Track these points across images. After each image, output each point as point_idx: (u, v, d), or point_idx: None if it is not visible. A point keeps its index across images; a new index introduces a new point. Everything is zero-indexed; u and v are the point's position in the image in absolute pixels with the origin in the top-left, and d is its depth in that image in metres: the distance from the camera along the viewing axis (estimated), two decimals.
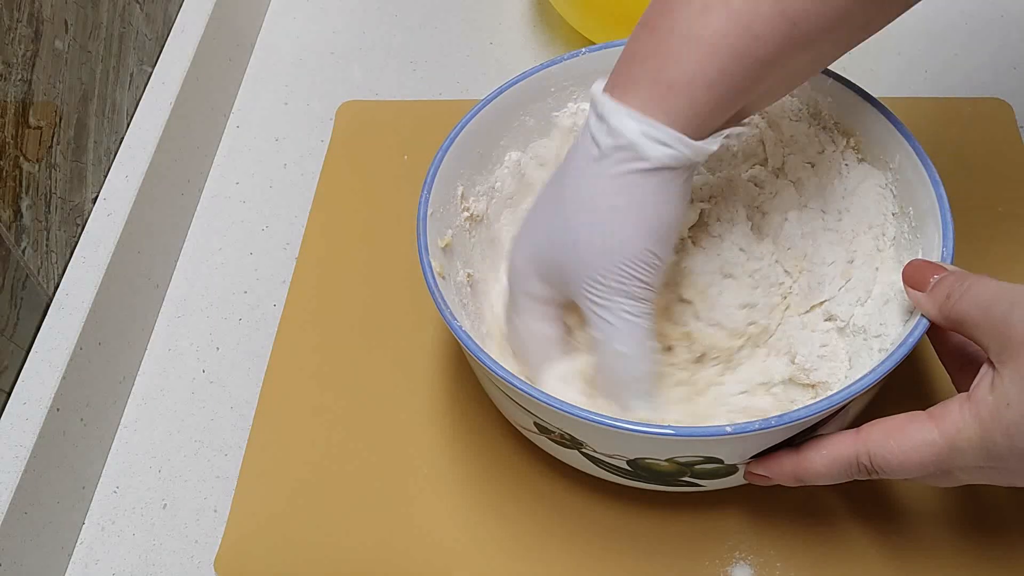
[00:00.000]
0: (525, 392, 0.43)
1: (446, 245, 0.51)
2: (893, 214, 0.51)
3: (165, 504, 0.55)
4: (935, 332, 0.45)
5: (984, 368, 0.39)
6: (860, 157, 0.53)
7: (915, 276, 0.43)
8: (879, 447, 0.40)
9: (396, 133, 0.70)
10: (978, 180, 0.62)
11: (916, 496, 0.51)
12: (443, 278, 0.49)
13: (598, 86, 0.44)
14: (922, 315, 0.43)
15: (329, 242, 0.64)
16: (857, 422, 0.46)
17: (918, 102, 0.67)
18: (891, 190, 0.51)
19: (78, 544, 0.54)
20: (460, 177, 0.53)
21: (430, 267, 0.47)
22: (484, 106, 0.53)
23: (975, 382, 0.39)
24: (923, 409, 0.41)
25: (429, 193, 0.50)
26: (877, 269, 0.51)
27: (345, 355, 0.59)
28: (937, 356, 0.46)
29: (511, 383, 0.43)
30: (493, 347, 0.52)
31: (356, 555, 0.51)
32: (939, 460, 0.39)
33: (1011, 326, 0.37)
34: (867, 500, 0.51)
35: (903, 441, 0.40)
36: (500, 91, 0.54)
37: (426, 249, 0.48)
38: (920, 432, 0.39)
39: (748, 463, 0.45)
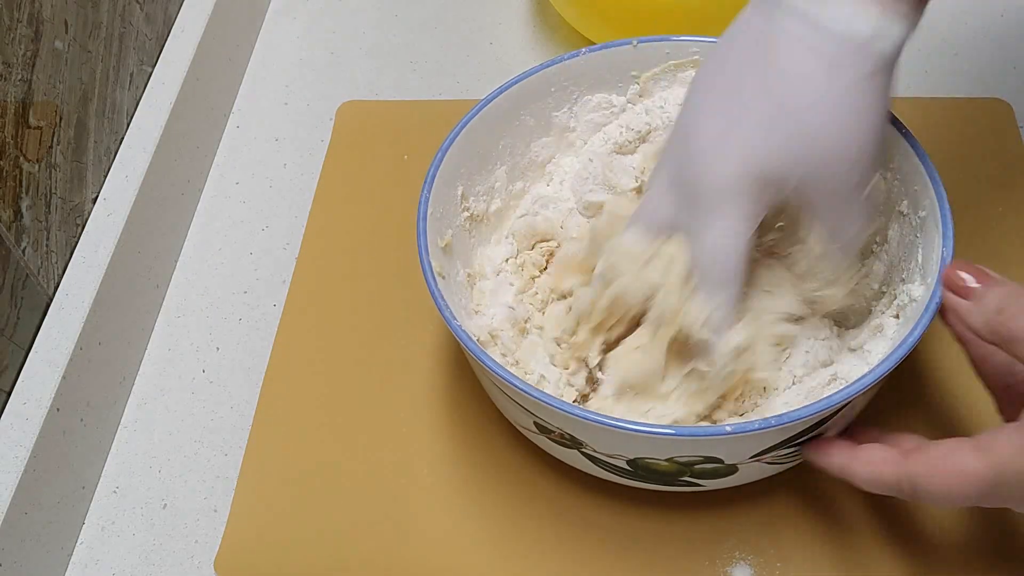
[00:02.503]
0: (525, 392, 0.43)
1: (446, 245, 0.51)
2: (893, 214, 0.51)
3: (165, 504, 0.55)
4: (976, 348, 0.43)
5: None
6: None
7: (957, 281, 0.41)
8: (923, 478, 0.39)
9: (396, 133, 0.70)
10: (978, 180, 0.62)
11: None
12: (443, 278, 0.49)
13: None
14: (955, 325, 0.41)
15: (329, 242, 0.64)
16: (859, 419, 0.46)
17: (918, 102, 0.67)
18: (891, 190, 0.51)
19: (78, 544, 0.54)
20: (460, 177, 0.53)
21: (430, 267, 0.47)
22: (484, 106, 0.53)
23: None
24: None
25: (429, 193, 0.50)
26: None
27: (345, 355, 0.59)
28: (975, 372, 0.44)
29: (511, 383, 0.43)
30: (493, 348, 0.52)
31: (356, 555, 0.51)
32: (983, 491, 0.38)
33: None
34: (868, 501, 0.51)
35: (947, 472, 0.38)
36: (500, 91, 0.54)
37: (426, 249, 0.48)
38: (966, 462, 0.38)
39: (807, 446, 0.44)
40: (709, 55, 0.46)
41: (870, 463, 0.41)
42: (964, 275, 0.41)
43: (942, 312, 0.43)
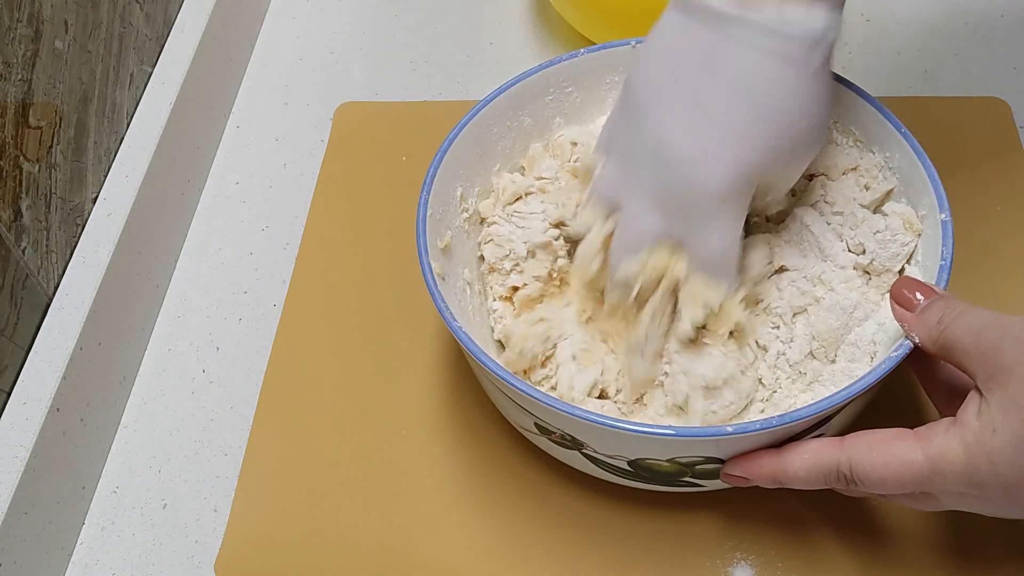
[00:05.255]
0: (526, 393, 0.43)
1: (445, 246, 0.51)
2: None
3: (165, 504, 0.55)
4: (921, 365, 0.45)
5: (972, 394, 0.38)
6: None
7: (903, 296, 0.43)
8: (861, 458, 0.40)
9: (394, 134, 0.70)
10: (976, 179, 0.62)
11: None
12: (443, 279, 0.49)
13: (722, 5, 0.43)
14: (906, 337, 0.42)
15: (328, 244, 0.64)
16: (857, 421, 0.46)
17: (916, 101, 0.67)
18: (890, 190, 0.51)
19: (78, 544, 0.54)
20: (459, 178, 0.53)
21: (430, 268, 0.47)
22: (483, 107, 0.53)
23: (962, 407, 0.38)
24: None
25: (428, 194, 0.50)
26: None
27: (345, 356, 0.59)
28: (923, 388, 0.45)
29: (512, 384, 0.43)
30: (492, 348, 0.52)
31: (356, 557, 0.51)
32: (919, 481, 0.39)
33: (1001, 353, 0.37)
34: (870, 501, 0.51)
35: (886, 456, 0.39)
36: (499, 92, 0.54)
37: (426, 250, 0.48)
38: (904, 450, 0.39)
39: (726, 466, 0.44)
40: (645, 60, 0.47)
41: (807, 451, 0.42)
42: (911, 290, 0.42)
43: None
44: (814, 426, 0.43)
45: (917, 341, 0.42)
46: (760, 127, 0.44)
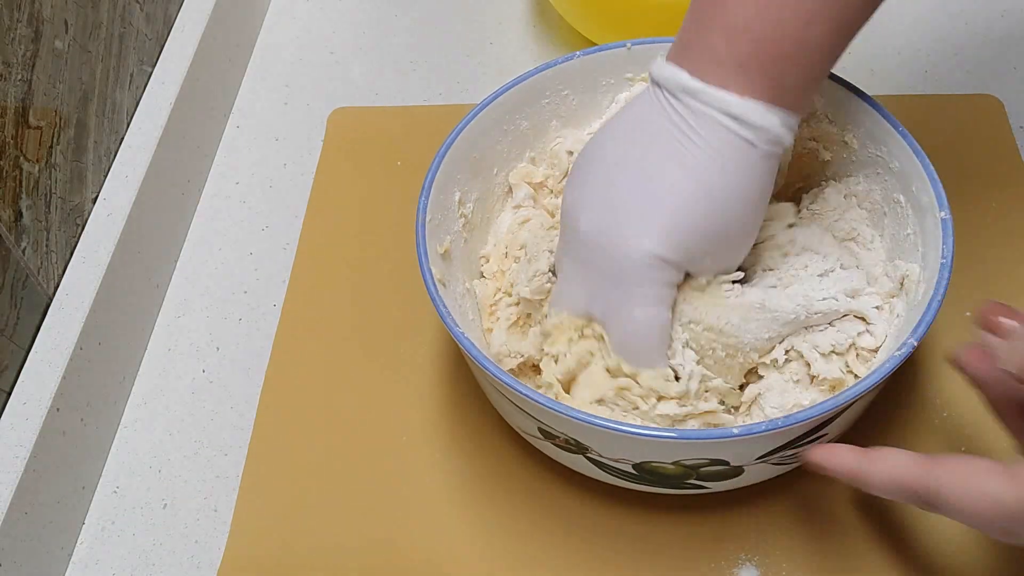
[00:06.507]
0: (530, 398, 0.42)
1: (445, 251, 0.51)
2: (891, 212, 0.51)
3: (165, 504, 0.55)
4: (993, 389, 0.43)
5: None
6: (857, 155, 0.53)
7: (990, 322, 0.41)
8: (948, 489, 0.38)
9: (388, 139, 0.69)
10: (971, 176, 0.63)
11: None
12: (443, 285, 0.48)
13: (691, 81, 0.44)
14: (972, 368, 0.41)
15: (325, 248, 0.64)
16: (861, 420, 0.47)
17: (910, 99, 0.67)
18: (888, 188, 0.51)
19: (78, 544, 0.54)
20: (456, 183, 0.52)
21: (431, 274, 0.47)
22: (479, 112, 0.53)
23: None
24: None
25: (427, 199, 0.49)
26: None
27: (345, 358, 0.59)
28: (994, 415, 0.43)
29: (516, 389, 0.43)
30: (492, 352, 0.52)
31: (358, 563, 0.51)
32: (1007, 520, 0.37)
33: None
34: (875, 504, 0.51)
35: (976, 492, 0.37)
36: (494, 96, 0.54)
37: (426, 255, 0.48)
38: (996, 488, 0.37)
39: (807, 450, 0.43)
40: (606, 130, 0.47)
41: (892, 465, 0.40)
42: (997, 315, 0.41)
43: (954, 360, 0.43)
44: (819, 426, 0.43)
45: (1012, 371, 0.40)
46: (701, 203, 0.44)
